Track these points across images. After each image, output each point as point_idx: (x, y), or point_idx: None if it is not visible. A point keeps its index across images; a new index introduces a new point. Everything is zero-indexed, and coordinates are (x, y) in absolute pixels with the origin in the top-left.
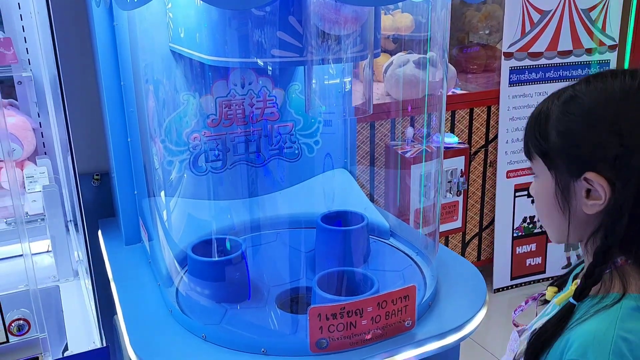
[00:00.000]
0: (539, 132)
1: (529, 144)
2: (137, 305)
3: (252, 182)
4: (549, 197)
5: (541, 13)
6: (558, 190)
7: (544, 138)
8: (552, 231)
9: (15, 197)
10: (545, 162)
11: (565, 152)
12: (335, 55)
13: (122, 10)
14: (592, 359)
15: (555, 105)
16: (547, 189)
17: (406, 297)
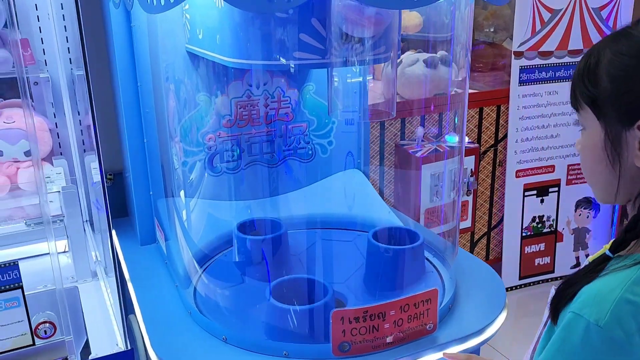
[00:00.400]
0: (588, 77)
1: (577, 92)
2: (155, 307)
3: (266, 182)
4: (596, 151)
5: (551, 12)
6: (607, 142)
7: (594, 83)
8: (598, 190)
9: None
10: (594, 110)
11: (617, 98)
12: (358, 57)
13: (139, 13)
14: (587, 316)
15: (608, 47)
16: (594, 142)
17: (428, 300)
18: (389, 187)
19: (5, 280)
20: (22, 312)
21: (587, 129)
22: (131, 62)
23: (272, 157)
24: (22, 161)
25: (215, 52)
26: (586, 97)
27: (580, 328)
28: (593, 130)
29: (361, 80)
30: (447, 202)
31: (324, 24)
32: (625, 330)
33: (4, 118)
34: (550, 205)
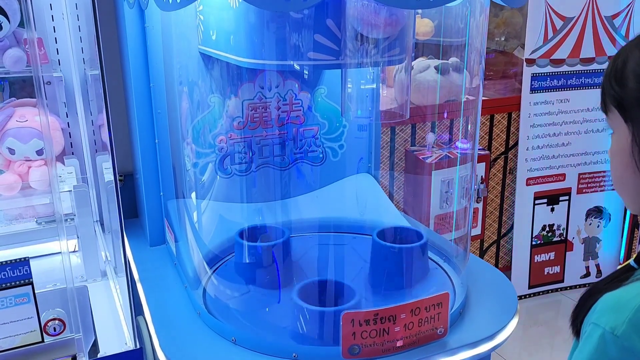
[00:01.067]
0: (615, 78)
1: (605, 95)
2: (164, 307)
3: (276, 185)
4: (624, 156)
5: (564, 20)
6: (635, 146)
7: (620, 84)
8: (629, 199)
9: (55, 195)
10: (621, 112)
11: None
12: (372, 58)
13: (153, 13)
14: (603, 324)
15: (637, 48)
16: (622, 146)
17: (439, 304)
18: (399, 192)
19: (15, 276)
20: (32, 308)
21: (615, 132)
22: (144, 62)
23: (282, 159)
24: (33, 160)
25: (229, 52)
26: (613, 98)
27: (596, 336)
28: (621, 133)
29: (375, 84)
30: (458, 209)
31: (339, 25)
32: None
33: (17, 117)
34: (560, 214)
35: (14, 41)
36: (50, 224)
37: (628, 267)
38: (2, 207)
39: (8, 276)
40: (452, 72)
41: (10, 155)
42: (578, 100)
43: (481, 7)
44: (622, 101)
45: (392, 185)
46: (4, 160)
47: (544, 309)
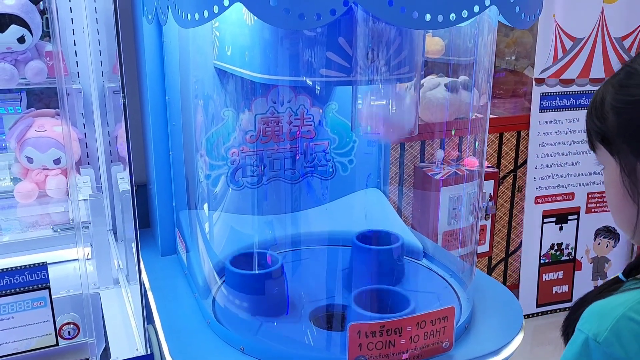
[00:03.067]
0: (596, 115)
1: (589, 132)
2: (175, 316)
3: (286, 198)
4: (617, 187)
5: (574, 40)
6: (624, 176)
7: (601, 120)
8: (626, 227)
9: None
10: (607, 147)
11: (624, 131)
12: (382, 76)
13: (171, 28)
14: (586, 330)
15: (610, 84)
16: (613, 178)
17: (445, 318)
18: (407, 208)
19: (33, 280)
20: (48, 312)
21: (605, 166)
22: (160, 76)
23: (293, 173)
24: (51, 169)
25: (243, 68)
26: (597, 134)
27: (579, 343)
28: (610, 167)
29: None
30: (466, 225)
31: (350, 43)
32: (626, 349)
33: (36, 127)
34: (569, 233)
35: (36, 53)
36: (65, 232)
37: (617, 279)
38: (19, 214)
39: (26, 280)
40: (462, 90)
41: (28, 164)
42: None
43: (489, 27)
44: (605, 135)
45: (401, 201)
46: (22, 169)
47: (552, 328)
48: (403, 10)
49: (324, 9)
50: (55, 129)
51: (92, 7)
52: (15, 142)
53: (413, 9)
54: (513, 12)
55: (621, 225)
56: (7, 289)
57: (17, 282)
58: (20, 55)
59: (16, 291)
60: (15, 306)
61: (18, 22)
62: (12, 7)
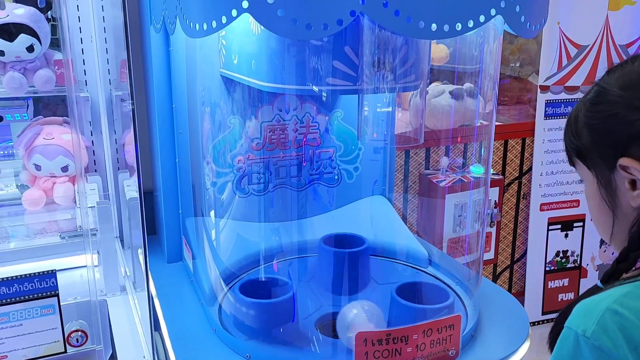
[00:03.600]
0: (572, 132)
1: (568, 149)
2: (181, 323)
3: (292, 205)
4: (595, 199)
5: (578, 48)
6: (602, 188)
7: (577, 137)
8: (606, 235)
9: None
10: (584, 161)
11: (597, 145)
12: (388, 85)
13: (178, 37)
14: (575, 327)
15: (583, 102)
16: (592, 191)
17: (451, 326)
18: (412, 215)
19: (42, 288)
20: (57, 319)
21: (585, 180)
22: (167, 84)
23: (299, 180)
24: (58, 176)
25: (250, 76)
26: (574, 150)
27: (570, 340)
28: (588, 180)
29: (391, 108)
30: (471, 232)
31: (357, 52)
32: (613, 341)
33: (44, 134)
34: (574, 240)
35: (44, 62)
36: (73, 239)
37: (596, 287)
38: (26, 221)
39: (35, 287)
40: (467, 98)
41: (36, 171)
42: None
43: (495, 35)
44: (581, 151)
45: (406, 208)
46: (29, 176)
47: None
48: (409, 20)
49: (331, 19)
50: (63, 136)
51: (100, 16)
52: (23, 149)
53: (419, 19)
54: (519, 22)
55: (602, 233)
56: (16, 296)
57: (27, 289)
58: (29, 64)
59: (25, 298)
60: (24, 313)
61: (27, 32)
62: (22, 17)
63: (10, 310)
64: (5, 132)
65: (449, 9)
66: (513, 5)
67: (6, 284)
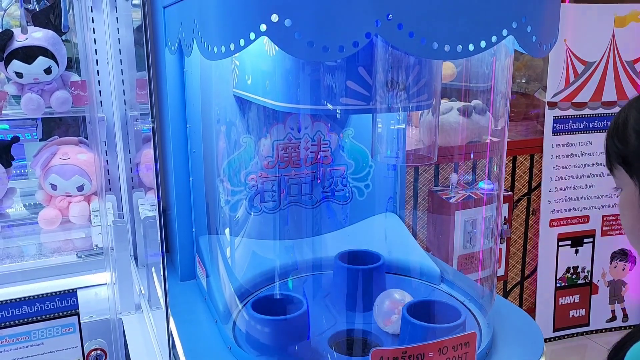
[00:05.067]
0: (617, 136)
1: (609, 153)
2: (196, 341)
3: (304, 223)
4: (634, 209)
5: (585, 64)
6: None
7: (623, 142)
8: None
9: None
10: (626, 168)
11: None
12: (401, 104)
13: (193, 58)
14: None
15: (635, 108)
16: (632, 201)
17: (467, 343)
18: (422, 231)
19: (63, 307)
20: (77, 338)
21: (623, 188)
22: (182, 105)
23: (311, 198)
24: (74, 195)
25: (264, 96)
26: (617, 156)
27: None
28: (628, 189)
29: (404, 126)
30: (483, 249)
31: (370, 72)
32: None
33: (60, 154)
34: (585, 256)
35: (61, 83)
36: (90, 257)
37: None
38: (42, 240)
39: (56, 306)
40: (475, 114)
41: (52, 190)
42: (600, 143)
43: (506, 53)
44: (625, 158)
45: (416, 225)
46: (45, 195)
47: (569, 353)
48: (423, 42)
49: (347, 41)
50: (79, 156)
51: (115, 37)
52: (40, 169)
53: (433, 40)
54: (530, 41)
55: (635, 245)
56: (38, 315)
57: (48, 308)
58: (47, 86)
59: (47, 317)
60: (45, 332)
61: (45, 54)
62: (40, 40)
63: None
64: (19, 152)
65: (462, 30)
66: (525, 26)
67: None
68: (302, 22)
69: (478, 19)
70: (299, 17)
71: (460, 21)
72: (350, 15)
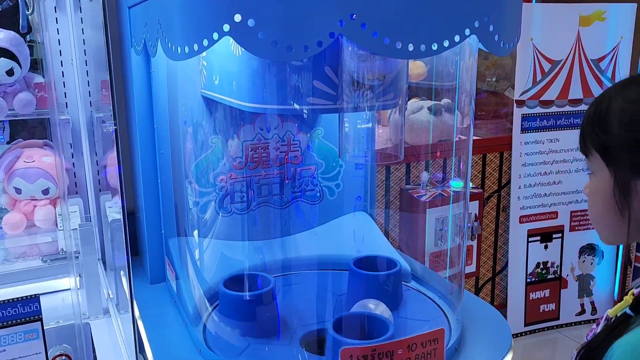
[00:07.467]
0: (599, 124)
1: (586, 139)
2: (166, 344)
3: (274, 223)
4: (605, 197)
5: (552, 63)
6: (617, 189)
7: (604, 131)
8: (606, 233)
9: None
10: (604, 157)
11: (630, 146)
12: (368, 103)
13: (159, 59)
14: None
15: (618, 95)
16: (603, 188)
17: (435, 340)
18: (394, 230)
19: (26, 313)
20: (40, 344)
21: (595, 174)
22: (149, 105)
23: (281, 198)
24: (39, 199)
25: (231, 97)
26: (596, 143)
27: None
28: (602, 176)
29: (371, 125)
30: (452, 246)
31: (336, 72)
32: None
33: (24, 157)
34: (554, 251)
35: (24, 85)
36: (55, 262)
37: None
38: (7, 245)
39: (19, 312)
40: (445, 113)
41: (16, 194)
42: (568, 140)
43: (470, 52)
44: (605, 146)
45: (388, 223)
46: (9, 200)
47: (540, 347)
48: (387, 41)
49: (311, 41)
50: (44, 159)
51: (80, 38)
52: (3, 173)
53: (396, 39)
54: (492, 41)
55: (603, 231)
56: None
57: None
58: (9, 87)
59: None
60: (7, 339)
61: (7, 55)
62: (2, 41)
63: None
64: None
65: (425, 30)
66: (487, 25)
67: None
68: (266, 22)
69: (441, 19)
70: (262, 17)
71: (423, 21)
72: (314, 15)
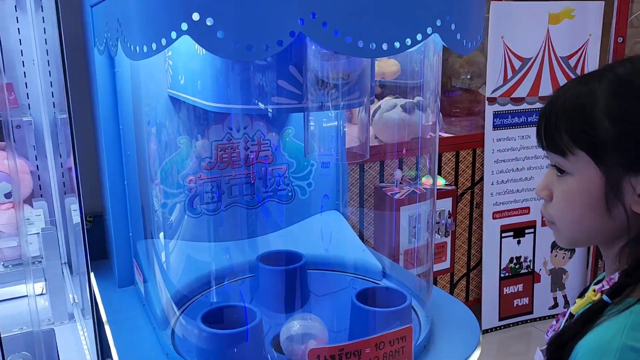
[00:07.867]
0: (584, 121)
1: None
2: (133, 349)
3: (246, 224)
4: (589, 198)
5: (522, 60)
6: (609, 189)
7: (592, 127)
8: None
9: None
10: (595, 156)
11: (623, 143)
12: (333, 102)
13: (123, 58)
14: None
15: (601, 89)
16: (587, 188)
17: (403, 338)
18: (369, 228)
19: None
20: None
21: (575, 174)
22: (114, 106)
23: (252, 198)
24: (1, 203)
25: (196, 96)
26: (583, 142)
27: None
28: (585, 176)
29: (337, 124)
30: (422, 244)
31: (301, 71)
32: None
33: None
34: (526, 246)
35: None
36: (17, 267)
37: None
38: None
39: None
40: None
41: None
42: None
43: (434, 51)
44: (594, 145)
45: (362, 222)
46: None
47: (515, 341)
48: (348, 40)
49: (271, 40)
50: (5, 162)
51: (42, 38)
52: None
53: (358, 38)
54: (454, 39)
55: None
56: None
57: None
58: None
59: None
60: None
61: None
62: None
63: None
64: None
65: (387, 29)
66: (449, 24)
67: None
68: (224, 21)
69: (402, 17)
70: (221, 16)
71: (384, 19)
72: (274, 14)
